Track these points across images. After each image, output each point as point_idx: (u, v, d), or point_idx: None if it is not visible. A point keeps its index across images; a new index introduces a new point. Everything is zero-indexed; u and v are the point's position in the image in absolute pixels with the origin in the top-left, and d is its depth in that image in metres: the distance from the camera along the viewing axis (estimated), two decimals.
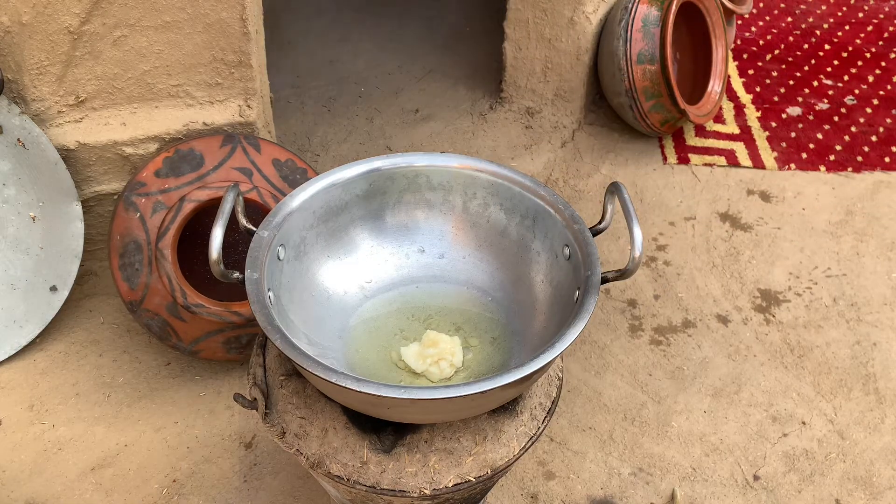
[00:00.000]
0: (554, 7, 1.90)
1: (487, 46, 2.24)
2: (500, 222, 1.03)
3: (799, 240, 1.78)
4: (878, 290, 1.67)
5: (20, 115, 1.38)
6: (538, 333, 0.95)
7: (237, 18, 1.39)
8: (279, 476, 1.30)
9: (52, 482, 1.28)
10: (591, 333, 1.56)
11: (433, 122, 2.05)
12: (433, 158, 1.03)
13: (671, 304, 1.63)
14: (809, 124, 2.12)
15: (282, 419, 0.93)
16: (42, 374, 1.43)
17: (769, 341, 1.57)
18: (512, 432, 0.92)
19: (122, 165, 1.47)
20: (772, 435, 1.41)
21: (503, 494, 1.30)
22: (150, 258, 1.31)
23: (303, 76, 2.21)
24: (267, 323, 0.82)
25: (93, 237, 1.53)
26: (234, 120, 1.49)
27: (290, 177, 1.38)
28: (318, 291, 0.99)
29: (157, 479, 1.30)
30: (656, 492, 1.32)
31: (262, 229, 0.92)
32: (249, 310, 1.33)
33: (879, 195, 1.90)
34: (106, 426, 1.36)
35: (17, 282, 1.40)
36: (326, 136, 2.01)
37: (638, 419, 1.42)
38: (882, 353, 1.55)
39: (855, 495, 1.32)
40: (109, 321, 1.52)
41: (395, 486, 0.88)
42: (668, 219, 1.82)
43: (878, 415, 1.45)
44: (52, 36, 1.33)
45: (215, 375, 1.45)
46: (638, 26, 1.86)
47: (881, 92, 2.24)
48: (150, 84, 1.44)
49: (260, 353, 0.99)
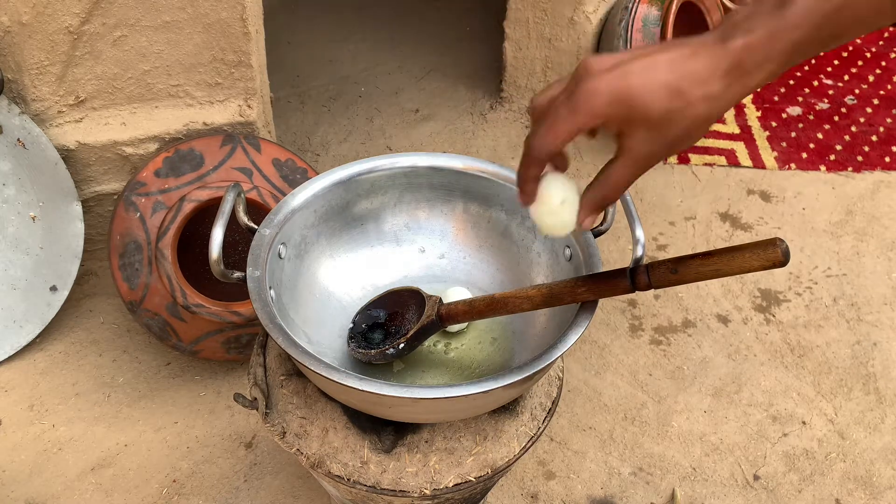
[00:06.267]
0: (554, 7, 1.90)
1: (487, 46, 2.24)
2: (501, 223, 1.03)
3: (799, 239, 1.78)
4: (878, 289, 1.67)
5: (20, 115, 1.38)
6: (539, 334, 0.95)
7: (237, 18, 1.39)
8: (279, 476, 1.30)
9: (52, 482, 1.28)
10: (591, 333, 1.56)
11: (433, 122, 2.05)
12: (434, 158, 1.03)
13: (671, 303, 1.63)
14: (809, 124, 2.12)
15: (282, 419, 0.93)
16: (42, 374, 1.43)
17: (769, 341, 1.57)
18: (512, 432, 0.92)
19: (122, 165, 1.47)
20: (772, 435, 1.41)
21: (503, 494, 1.30)
22: (150, 258, 1.31)
23: (303, 76, 2.21)
24: (269, 321, 0.82)
25: (93, 237, 1.53)
26: (234, 120, 1.49)
27: (291, 177, 1.38)
28: (319, 290, 0.99)
29: (157, 479, 1.30)
30: (656, 492, 1.32)
31: (263, 227, 0.92)
32: (249, 310, 1.33)
33: (879, 195, 1.91)
34: (106, 426, 1.36)
35: (17, 282, 1.40)
36: (326, 135, 2.01)
37: (638, 419, 1.42)
38: (882, 353, 1.55)
39: (855, 495, 1.32)
40: (109, 321, 1.52)
41: (395, 485, 0.88)
42: (669, 218, 1.82)
43: (878, 415, 1.45)
44: (52, 36, 1.33)
45: (215, 375, 1.44)
46: (638, 26, 1.86)
47: (881, 92, 2.24)
48: (150, 84, 1.44)
49: (260, 353, 0.99)
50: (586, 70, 0.61)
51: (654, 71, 0.59)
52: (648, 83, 0.59)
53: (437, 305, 0.92)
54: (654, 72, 0.59)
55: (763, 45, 0.58)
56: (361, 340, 0.94)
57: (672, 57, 0.59)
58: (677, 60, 0.59)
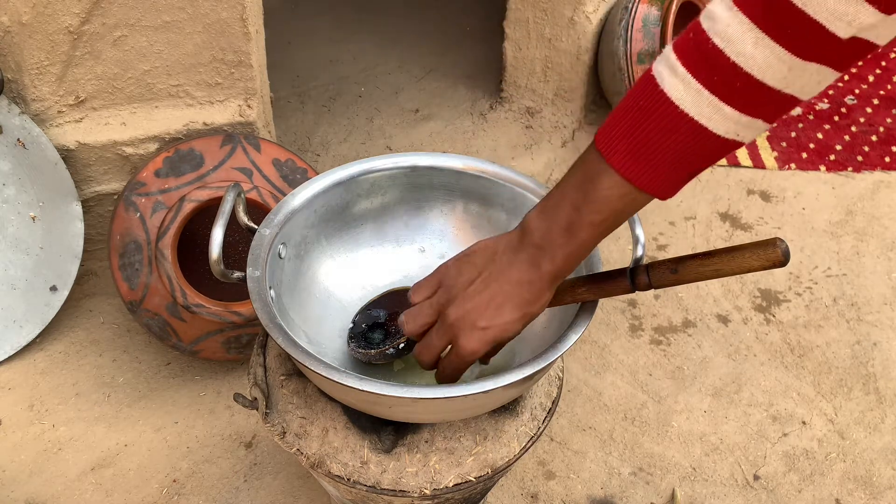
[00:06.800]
0: (554, 7, 1.90)
1: (487, 46, 2.24)
2: (501, 223, 1.03)
3: (799, 239, 1.78)
4: (878, 289, 1.67)
5: (20, 115, 1.38)
6: (539, 334, 0.95)
7: (237, 18, 1.39)
8: (279, 476, 1.30)
9: (52, 482, 1.28)
10: (591, 333, 1.56)
11: (433, 122, 2.05)
12: (434, 158, 1.03)
13: (671, 303, 1.63)
14: (809, 124, 2.12)
15: (282, 419, 0.93)
16: (42, 374, 1.43)
17: (769, 341, 1.57)
18: (512, 432, 0.92)
19: (122, 165, 1.47)
20: (772, 435, 1.41)
21: (503, 494, 1.30)
22: (150, 258, 1.31)
23: (303, 76, 2.21)
24: (269, 321, 0.82)
25: (93, 237, 1.53)
26: (234, 120, 1.49)
27: (291, 177, 1.38)
28: (319, 290, 0.99)
29: (157, 479, 1.30)
30: (656, 492, 1.32)
31: (263, 227, 0.92)
32: (249, 310, 1.33)
33: (879, 195, 1.91)
34: (106, 426, 1.36)
35: (17, 282, 1.40)
36: (326, 135, 2.01)
37: (638, 419, 1.42)
38: (882, 353, 1.55)
39: (855, 495, 1.32)
40: (109, 321, 1.52)
41: (395, 485, 0.88)
42: (669, 218, 1.82)
43: (878, 415, 1.45)
44: (52, 36, 1.33)
45: (215, 375, 1.44)
46: (638, 26, 1.86)
47: (881, 92, 2.24)
48: (150, 84, 1.44)
49: (260, 353, 0.99)
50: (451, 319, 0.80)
51: (504, 316, 0.78)
52: (506, 327, 0.79)
53: None
54: (504, 317, 0.78)
55: (566, 265, 0.76)
56: (361, 340, 0.94)
57: (508, 296, 0.77)
58: (515, 299, 0.77)
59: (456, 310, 0.79)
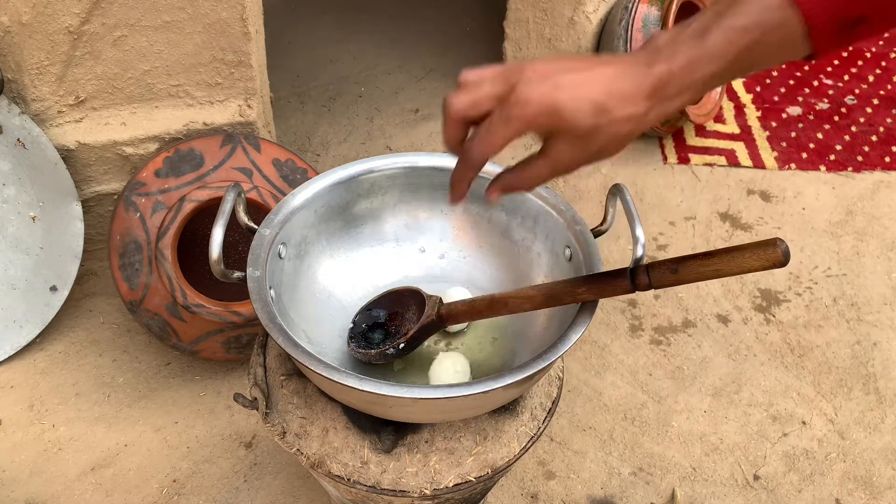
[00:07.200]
0: (554, 7, 1.90)
1: (487, 46, 2.24)
2: (501, 223, 1.03)
3: (799, 239, 1.78)
4: (878, 289, 1.67)
5: (20, 115, 1.38)
6: (539, 334, 0.95)
7: (237, 18, 1.39)
8: (279, 476, 1.30)
9: (52, 482, 1.28)
10: (591, 333, 1.56)
11: (433, 122, 2.05)
12: (434, 158, 1.03)
13: (671, 303, 1.63)
14: (809, 124, 2.12)
15: (282, 419, 0.93)
16: (42, 374, 1.43)
17: (769, 341, 1.57)
18: (512, 432, 0.92)
19: (122, 165, 1.47)
20: (772, 435, 1.41)
21: (503, 494, 1.30)
22: (150, 258, 1.31)
23: (303, 76, 2.21)
24: (269, 321, 0.82)
25: (93, 237, 1.53)
26: (234, 120, 1.49)
27: (291, 177, 1.38)
28: (319, 290, 0.99)
29: (157, 479, 1.30)
30: (656, 492, 1.32)
31: (263, 227, 0.92)
32: (249, 310, 1.33)
33: (879, 195, 1.91)
34: (106, 426, 1.36)
35: (17, 282, 1.40)
36: (326, 135, 2.01)
37: (638, 419, 1.42)
38: (882, 353, 1.55)
39: (855, 495, 1.32)
40: (109, 321, 1.52)
41: (395, 486, 0.88)
42: (669, 218, 1.82)
43: (878, 415, 1.45)
44: (52, 36, 1.33)
45: (215, 375, 1.44)
46: (638, 26, 1.86)
47: (881, 92, 2.24)
48: (150, 84, 1.44)
49: (260, 353, 0.99)
50: (520, 77, 0.64)
51: (583, 87, 0.62)
52: (577, 99, 0.62)
53: (438, 305, 0.92)
54: (584, 88, 0.62)
55: (683, 74, 0.62)
56: (361, 340, 0.94)
57: (601, 74, 0.62)
58: (606, 79, 0.62)
59: (528, 80, 0.63)
